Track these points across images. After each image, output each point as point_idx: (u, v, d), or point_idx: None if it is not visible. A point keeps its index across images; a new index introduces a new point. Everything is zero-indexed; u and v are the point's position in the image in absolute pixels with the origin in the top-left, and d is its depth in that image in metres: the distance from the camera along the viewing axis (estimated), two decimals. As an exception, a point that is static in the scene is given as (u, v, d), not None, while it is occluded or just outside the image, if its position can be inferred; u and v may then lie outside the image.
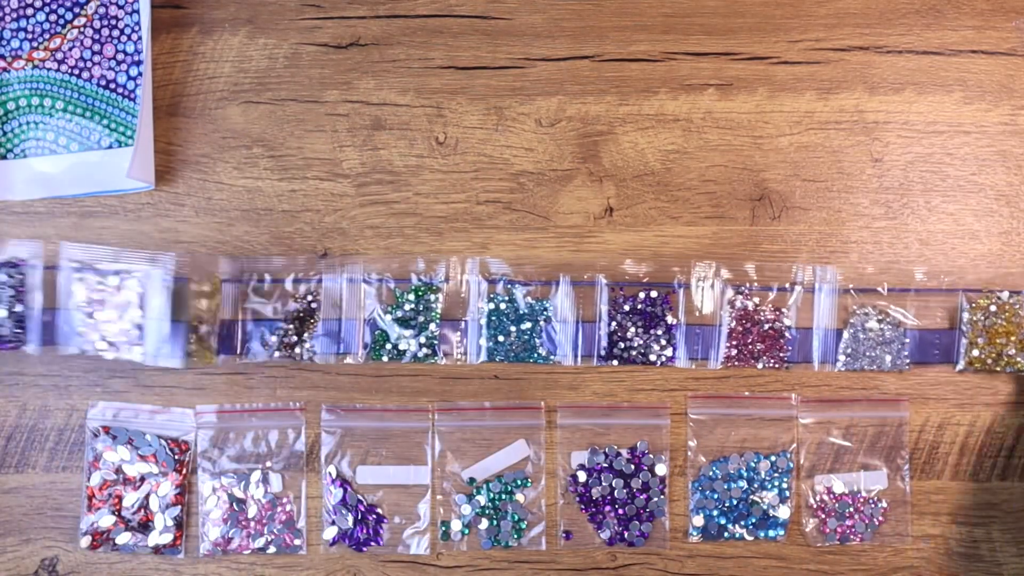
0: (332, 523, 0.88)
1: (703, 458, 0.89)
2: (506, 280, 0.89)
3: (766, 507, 0.89)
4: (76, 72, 0.89)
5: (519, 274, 0.89)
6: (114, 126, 0.90)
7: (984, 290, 0.89)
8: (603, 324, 0.89)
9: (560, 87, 0.91)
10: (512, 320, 0.89)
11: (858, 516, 0.89)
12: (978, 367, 0.89)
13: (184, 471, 0.88)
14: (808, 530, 0.89)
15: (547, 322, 0.89)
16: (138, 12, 0.89)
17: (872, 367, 0.89)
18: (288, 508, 0.88)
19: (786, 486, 0.89)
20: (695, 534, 0.89)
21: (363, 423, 0.89)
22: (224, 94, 0.90)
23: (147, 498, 0.88)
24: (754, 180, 0.91)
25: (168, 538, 0.87)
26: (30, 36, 0.89)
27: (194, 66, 0.91)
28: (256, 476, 0.88)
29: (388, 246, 0.90)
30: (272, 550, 0.88)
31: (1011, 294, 0.89)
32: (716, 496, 0.89)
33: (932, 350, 0.90)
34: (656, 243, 0.90)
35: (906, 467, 0.89)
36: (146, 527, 0.88)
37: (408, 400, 0.89)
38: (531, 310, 0.89)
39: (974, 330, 0.89)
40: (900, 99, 0.91)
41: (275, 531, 0.88)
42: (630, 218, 0.90)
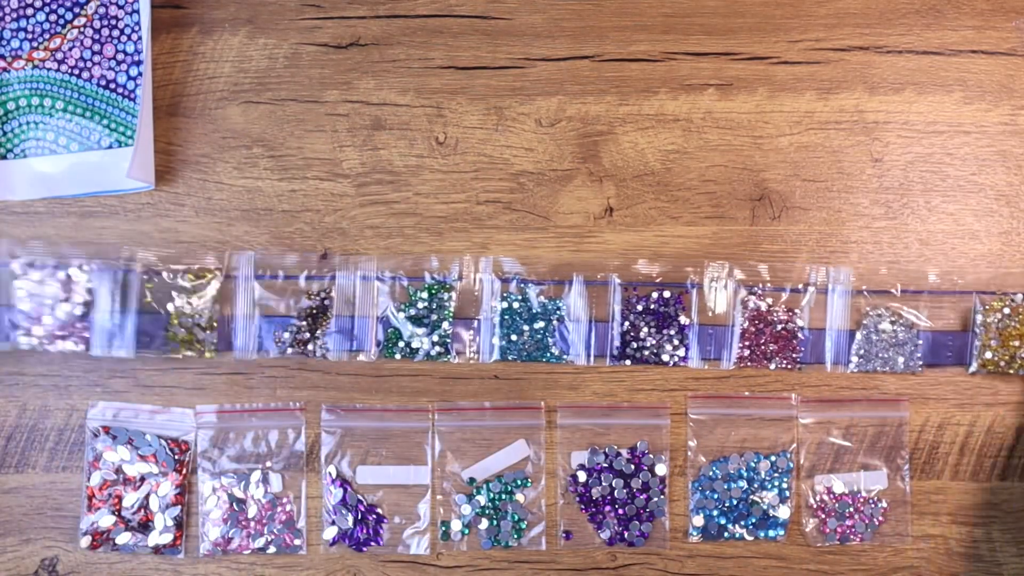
0: (332, 523, 0.88)
1: (703, 458, 0.89)
2: (519, 279, 0.89)
3: (766, 507, 0.89)
4: (76, 72, 0.89)
5: (532, 273, 0.89)
6: (114, 126, 0.89)
7: (998, 292, 0.89)
8: (616, 324, 0.89)
9: (560, 87, 0.91)
10: (525, 319, 0.89)
11: (858, 516, 0.89)
12: (991, 369, 0.89)
13: (184, 471, 0.88)
14: (808, 530, 0.89)
15: (560, 321, 0.89)
16: (138, 12, 0.89)
17: (885, 369, 0.89)
18: (288, 508, 0.88)
19: (786, 486, 0.89)
20: (695, 534, 0.89)
21: (363, 423, 0.89)
22: (224, 94, 0.90)
23: (147, 498, 0.88)
24: (754, 180, 0.91)
25: (168, 538, 0.87)
26: (30, 36, 0.89)
27: (194, 66, 0.90)
28: (256, 476, 0.88)
29: (388, 246, 0.90)
30: (272, 550, 0.88)
31: None
32: (716, 496, 0.89)
33: (945, 352, 0.89)
34: (656, 243, 0.90)
35: (906, 467, 0.89)
36: (146, 527, 0.88)
37: (408, 400, 0.89)
38: (544, 309, 0.89)
39: (987, 332, 0.89)
40: (900, 99, 0.91)
41: (275, 531, 0.88)
42: (630, 218, 0.90)
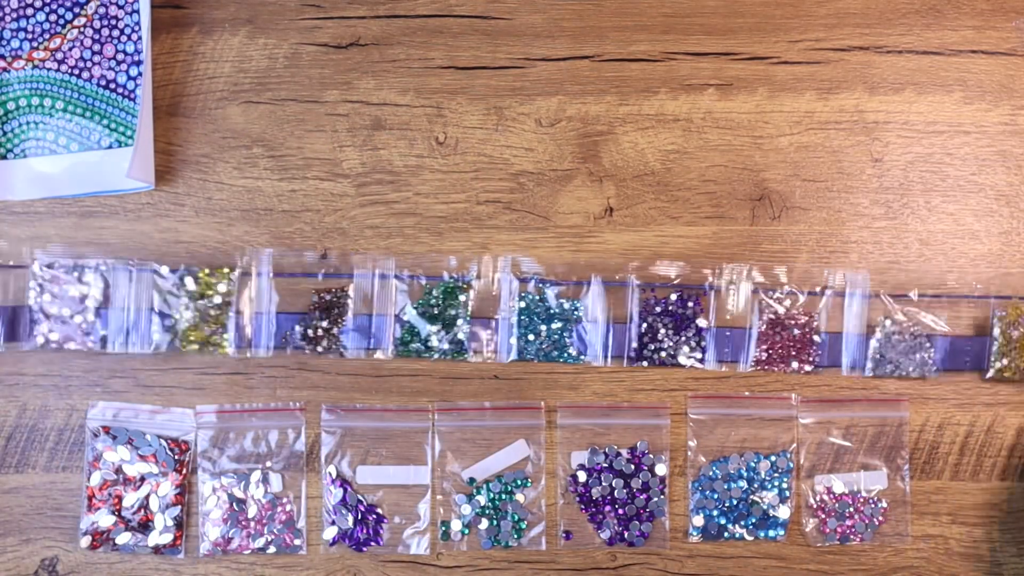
0: (332, 523, 0.88)
1: (703, 458, 0.89)
2: (538, 279, 0.89)
3: (766, 507, 0.88)
4: (76, 72, 0.89)
5: (551, 273, 0.89)
6: (114, 126, 0.89)
7: (1015, 297, 0.89)
8: (634, 325, 0.89)
9: (560, 87, 0.91)
10: (543, 319, 0.89)
11: (858, 516, 0.89)
12: (1008, 376, 0.89)
13: (184, 471, 0.88)
14: (808, 530, 0.89)
15: (578, 322, 0.89)
16: (138, 12, 0.89)
17: (901, 373, 0.89)
18: (288, 508, 0.88)
19: (786, 486, 0.89)
20: (695, 534, 0.89)
21: (363, 423, 0.89)
22: (224, 94, 0.90)
23: (147, 498, 0.88)
24: (754, 180, 0.91)
25: (168, 538, 0.87)
26: (30, 36, 0.89)
27: (194, 66, 0.90)
28: (256, 476, 0.88)
29: (388, 246, 0.90)
30: (272, 550, 0.88)
31: None
32: (716, 496, 0.89)
33: (963, 357, 0.89)
34: (656, 243, 0.90)
35: (906, 467, 0.89)
36: (146, 527, 0.88)
37: (408, 400, 0.89)
38: (562, 310, 0.89)
39: (1005, 338, 0.88)
40: (900, 99, 0.91)
41: (275, 531, 0.88)
42: (630, 218, 0.90)
